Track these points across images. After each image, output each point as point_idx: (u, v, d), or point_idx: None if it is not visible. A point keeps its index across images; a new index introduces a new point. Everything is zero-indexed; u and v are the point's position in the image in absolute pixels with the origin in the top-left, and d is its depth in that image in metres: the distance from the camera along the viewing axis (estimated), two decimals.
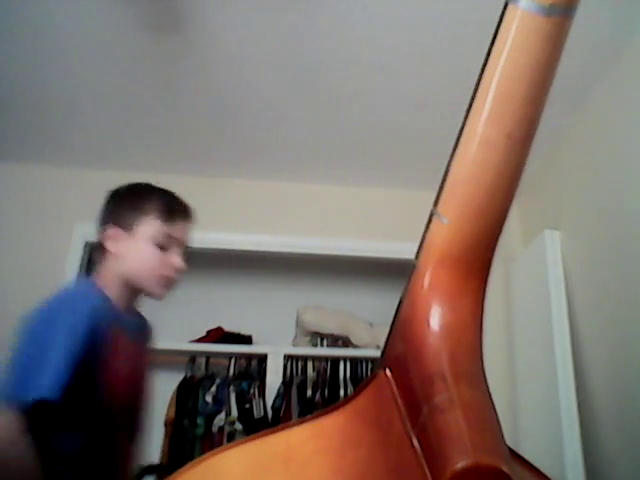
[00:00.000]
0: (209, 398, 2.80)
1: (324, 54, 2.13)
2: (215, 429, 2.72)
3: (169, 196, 1.46)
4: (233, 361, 2.97)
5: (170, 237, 1.40)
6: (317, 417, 0.52)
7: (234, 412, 2.75)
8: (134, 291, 1.40)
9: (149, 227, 1.38)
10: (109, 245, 1.39)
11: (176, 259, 1.41)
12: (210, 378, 2.90)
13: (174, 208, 1.45)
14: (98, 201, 2.84)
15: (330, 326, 3.12)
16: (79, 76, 2.28)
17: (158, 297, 1.45)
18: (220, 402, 2.79)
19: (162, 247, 1.39)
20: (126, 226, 1.39)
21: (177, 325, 3.11)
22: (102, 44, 2.12)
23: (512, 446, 0.48)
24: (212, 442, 2.68)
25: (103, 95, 2.39)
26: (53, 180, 2.83)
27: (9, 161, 2.79)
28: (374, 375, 0.53)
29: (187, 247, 1.48)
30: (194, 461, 0.51)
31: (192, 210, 1.53)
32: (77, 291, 1.39)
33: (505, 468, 0.39)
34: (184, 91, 2.35)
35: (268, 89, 2.32)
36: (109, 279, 1.37)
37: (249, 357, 3.00)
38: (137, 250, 1.37)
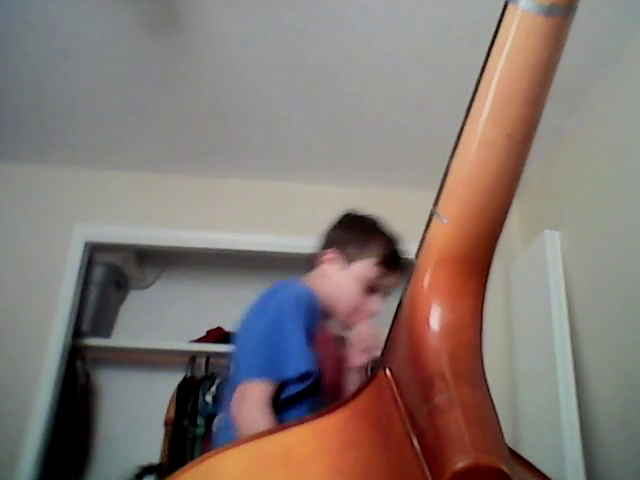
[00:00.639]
0: (209, 398, 2.81)
1: (323, 54, 2.13)
2: (215, 429, 2.72)
3: (395, 245, 1.47)
4: None
5: (380, 284, 1.43)
6: (317, 417, 0.51)
7: None
8: (325, 312, 1.43)
9: (365, 268, 1.42)
10: (324, 264, 1.46)
11: (376, 305, 1.43)
12: (210, 378, 2.90)
13: (395, 260, 1.45)
14: (98, 201, 2.86)
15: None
16: (79, 76, 2.28)
17: (343, 327, 1.47)
18: (220, 402, 2.79)
19: (368, 289, 1.42)
20: (346, 256, 1.44)
21: (177, 325, 3.12)
22: (101, 44, 2.12)
23: (512, 446, 0.48)
24: (212, 442, 2.68)
25: (102, 95, 2.39)
26: (53, 180, 2.84)
27: (9, 161, 2.79)
28: (374, 375, 0.53)
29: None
30: (194, 461, 0.51)
31: (406, 263, 1.50)
32: (296, 283, 1.44)
33: (505, 468, 0.39)
34: (183, 91, 2.35)
35: (268, 89, 2.33)
36: (314, 289, 1.41)
37: None
38: (345, 282, 1.42)
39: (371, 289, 1.42)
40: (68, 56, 2.18)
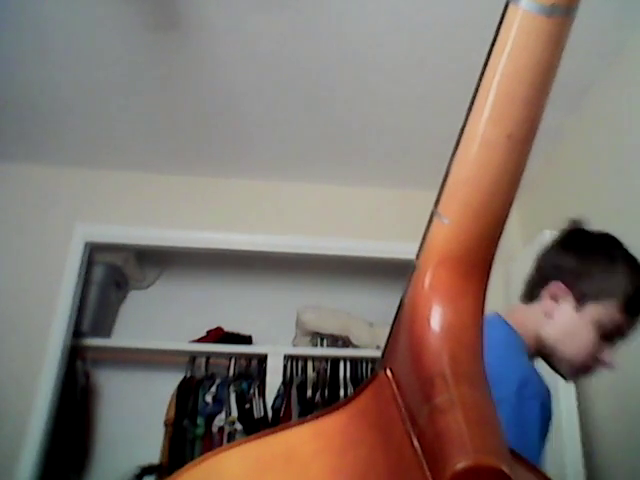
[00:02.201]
0: (209, 398, 2.81)
1: (323, 54, 2.13)
2: (215, 429, 2.72)
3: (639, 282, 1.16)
4: (233, 361, 2.97)
5: (618, 331, 1.15)
6: (318, 417, 0.51)
7: (234, 412, 2.75)
8: (541, 355, 1.18)
9: (604, 310, 1.12)
10: (548, 300, 1.17)
11: (609, 357, 1.16)
12: (210, 378, 2.90)
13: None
14: (98, 201, 2.86)
15: (330, 326, 3.12)
16: (78, 76, 2.28)
17: (565, 378, 1.22)
18: (220, 402, 2.79)
19: (602, 336, 1.14)
20: (579, 295, 1.14)
21: (177, 325, 3.12)
22: (101, 44, 2.12)
23: None
24: (212, 442, 2.68)
25: (102, 95, 2.39)
26: (53, 180, 2.84)
27: (9, 161, 2.79)
28: (375, 375, 0.53)
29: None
30: (194, 461, 0.51)
31: None
32: (499, 328, 1.15)
33: (505, 468, 0.39)
34: (183, 91, 2.35)
35: (267, 89, 2.33)
36: (524, 328, 1.15)
37: (249, 357, 3.00)
38: (577, 328, 1.14)
39: (606, 336, 1.14)
40: (68, 56, 2.18)
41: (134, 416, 2.95)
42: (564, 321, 1.15)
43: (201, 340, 3.11)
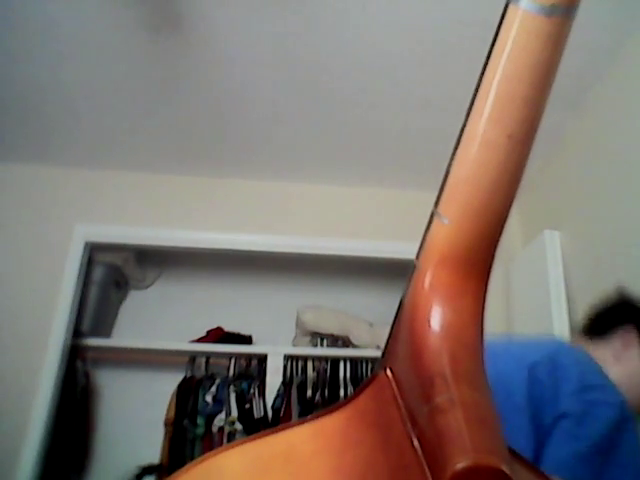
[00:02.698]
0: (209, 398, 2.80)
1: (324, 54, 2.13)
2: (215, 429, 2.72)
3: None
4: (233, 361, 2.97)
5: None
6: (318, 417, 0.51)
7: (234, 412, 2.75)
8: None
9: None
10: (617, 342, 1.24)
11: None
12: (210, 378, 2.90)
13: None
14: (98, 201, 2.86)
15: (330, 326, 3.12)
16: (79, 76, 2.28)
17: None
18: (220, 402, 2.79)
19: None
20: None
21: (177, 325, 3.12)
22: (101, 45, 2.12)
23: None
24: (212, 442, 2.68)
25: (102, 95, 2.39)
26: (53, 180, 2.84)
27: (9, 161, 2.79)
28: (375, 375, 0.53)
29: None
30: (194, 461, 0.51)
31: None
32: (578, 353, 1.18)
33: (505, 468, 0.39)
34: (184, 91, 2.35)
35: (268, 89, 2.33)
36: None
37: (249, 357, 3.00)
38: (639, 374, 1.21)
39: None
40: (68, 56, 2.18)
41: (134, 416, 2.95)
42: (631, 369, 1.20)
43: (201, 340, 3.11)
